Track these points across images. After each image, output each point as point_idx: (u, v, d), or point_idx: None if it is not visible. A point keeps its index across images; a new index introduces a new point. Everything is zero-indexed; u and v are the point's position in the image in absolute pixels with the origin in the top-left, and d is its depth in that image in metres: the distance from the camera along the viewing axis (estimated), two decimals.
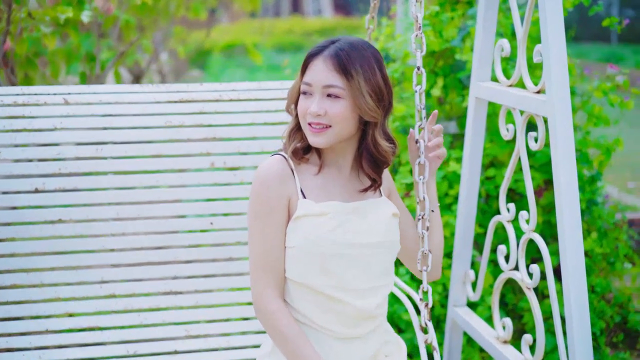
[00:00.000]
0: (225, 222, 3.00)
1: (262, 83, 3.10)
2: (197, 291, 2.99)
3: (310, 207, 2.32)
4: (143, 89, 2.98)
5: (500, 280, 3.04)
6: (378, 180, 2.41)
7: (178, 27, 7.68)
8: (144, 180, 2.94)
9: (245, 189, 3.01)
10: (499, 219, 3.04)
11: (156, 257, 2.96)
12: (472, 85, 3.13)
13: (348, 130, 2.33)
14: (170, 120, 2.95)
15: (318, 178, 2.39)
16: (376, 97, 2.31)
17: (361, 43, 2.34)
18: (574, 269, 2.52)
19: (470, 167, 3.20)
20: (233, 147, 3.01)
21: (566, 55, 2.53)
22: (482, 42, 3.07)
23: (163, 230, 2.97)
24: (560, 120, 2.52)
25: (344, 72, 2.27)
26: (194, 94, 3.00)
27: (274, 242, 2.33)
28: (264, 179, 2.33)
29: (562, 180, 2.52)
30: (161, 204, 2.96)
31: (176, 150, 2.96)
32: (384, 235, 2.40)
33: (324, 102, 2.30)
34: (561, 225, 2.54)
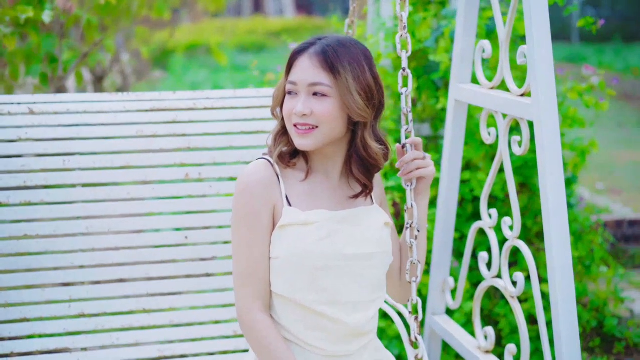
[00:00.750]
0: (201, 236, 2.89)
1: (238, 91, 2.99)
2: (172, 309, 2.87)
3: (295, 216, 2.21)
4: (113, 97, 2.86)
5: (481, 288, 2.95)
6: (369, 185, 2.30)
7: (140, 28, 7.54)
8: (114, 193, 2.82)
9: (221, 201, 2.90)
10: (480, 225, 2.95)
11: (128, 273, 2.83)
12: (452, 87, 3.03)
13: (336, 131, 2.21)
14: (142, 129, 2.83)
15: (305, 184, 2.28)
16: (366, 96, 2.20)
17: (349, 40, 2.24)
18: (562, 277, 2.43)
19: (449, 171, 3.11)
20: (208, 158, 2.89)
21: (552, 57, 2.44)
22: (462, 43, 2.98)
23: (135, 245, 2.84)
24: (548, 125, 2.43)
25: (331, 69, 2.17)
26: (166, 102, 2.88)
27: (258, 252, 2.22)
28: (248, 185, 2.21)
29: (549, 187, 2.43)
30: (133, 217, 2.84)
31: (148, 161, 2.84)
32: (377, 246, 2.29)
33: (310, 102, 2.19)
34: (548, 232, 2.45)
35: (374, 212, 2.34)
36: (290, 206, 2.23)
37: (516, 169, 3.88)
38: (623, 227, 5.41)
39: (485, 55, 2.78)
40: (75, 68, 4.38)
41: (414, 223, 2.36)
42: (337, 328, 2.24)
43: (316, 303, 2.21)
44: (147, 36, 8.75)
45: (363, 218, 2.30)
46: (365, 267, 2.26)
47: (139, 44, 8.43)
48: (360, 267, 2.25)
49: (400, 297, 2.49)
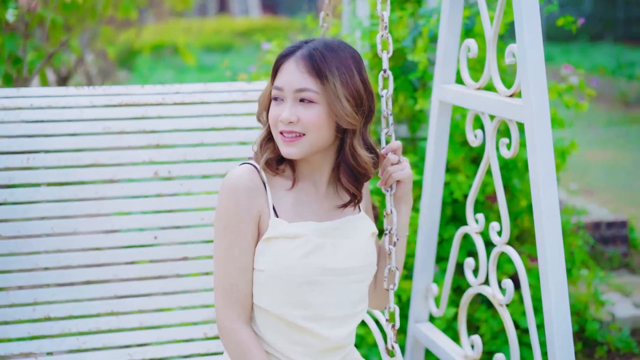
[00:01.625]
0: (171, 236, 2.80)
1: (209, 85, 2.91)
2: (141, 311, 2.78)
3: (282, 228, 2.13)
4: (79, 91, 2.77)
5: (467, 295, 2.87)
6: (358, 195, 2.21)
7: (106, 27, 7.43)
8: (80, 193, 2.72)
9: (192, 200, 2.82)
10: (465, 230, 2.86)
11: (95, 275, 2.74)
12: (436, 88, 2.95)
13: (324, 139, 2.13)
14: (109, 126, 2.74)
15: (291, 194, 2.19)
16: (354, 102, 2.11)
17: (337, 43, 2.15)
18: (555, 284, 2.37)
19: (433, 175, 3.02)
20: (178, 155, 2.81)
21: (543, 56, 2.36)
22: (446, 42, 2.89)
23: (102, 245, 2.75)
24: (539, 127, 2.35)
25: (318, 75, 2.08)
26: (134, 97, 2.79)
27: (240, 263, 2.13)
28: (233, 192, 2.12)
29: (542, 191, 2.36)
30: (100, 217, 2.75)
31: (116, 159, 2.75)
32: (363, 259, 2.22)
33: (297, 108, 2.10)
34: (541, 237, 2.38)
35: (361, 221, 2.27)
36: (277, 217, 2.15)
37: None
38: (601, 229, 5.38)
39: (470, 55, 2.70)
40: (40, 69, 4.28)
41: (393, 229, 2.30)
42: (318, 342, 2.18)
43: (300, 318, 2.15)
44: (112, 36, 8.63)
45: (351, 229, 2.23)
46: (351, 281, 2.20)
47: (104, 44, 8.31)
48: (345, 281, 2.19)
49: (376, 304, 2.44)
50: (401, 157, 2.33)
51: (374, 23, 3.88)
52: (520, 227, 3.96)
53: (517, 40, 2.39)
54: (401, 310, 3.72)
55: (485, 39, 2.60)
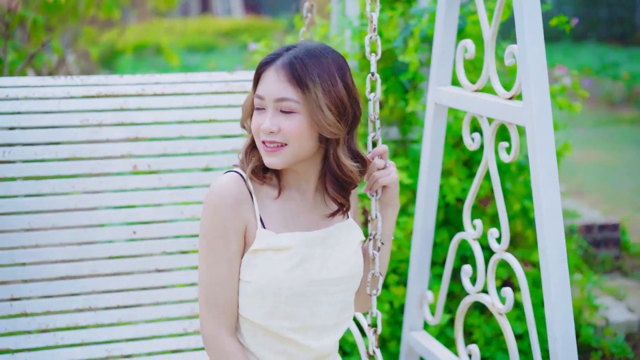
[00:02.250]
0: (150, 230, 2.75)
1: (189, 75, 2.85)
2: (119, 307, 2.74)
3: (269, 240, 2.08)
4: (56, 81, 2.71)
5: (464, 304, 2.80)
6: (346, 204, 2.17)
7: (88, 28, 7.36)
8: (58, 186, 2.67)
9: (172, 194, 2.77)
10: (462, 236, 2.79)
11: (73, 270, 2.69)
12: (431, 90, 2.86)
13: (307, 148, 2.07)
14: (87, 118, 2.69)
15: (278, 203, 2.14)
16: (337, 111, 2.05)
17: (320, 49, 2.08)
18: (557, 293, 2.31)
19: (428, 180, 2.93)
20: (158, 148, 2.76)
21: (545, 57, 2.30)
22: (442, 43, 2.81)
23: (80, 241, 2.70)
24: (541, 130, 2.28)
25: (299, 84, 2.02)
26: (113, 87, 2.74)
27: (225, 274, 2.09)
28: (218, 202, 2.06)
29: (543, 196, 2.30)
30: (78, 212, 2.70)
31: (94, 152, 2.70)
32: (351, 268, 2.18)
33: (277, 118, 2.04)
34: (543, 245, 2.31)
35: (349, 229, 2.23)
36: (264, 228, 2.10)
37: (488, 174, 3.67)
38: (593, 232, 5.33)
39: (467, 56, 2.62)
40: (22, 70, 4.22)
41: (378, 234, 2.27)
42: (303, 353, 2.15)
43: (286, 329, 2.11)
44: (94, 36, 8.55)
45: (338, 238, 2.19)
46: (338, 291, 2.17)
47: (87, 45, 8.22)
48: (333, 291, 2.15)
49: (359, 307, 2.41)
50: (388, 161, 2.28)
51: (364, 23, 3.83)
52: (513, 231, 3.91)
53: (518, 41, 2.31)
54: (394, 317, 3.69)
55: (484, 39, 2.53)
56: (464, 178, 3.75)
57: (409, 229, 3.61)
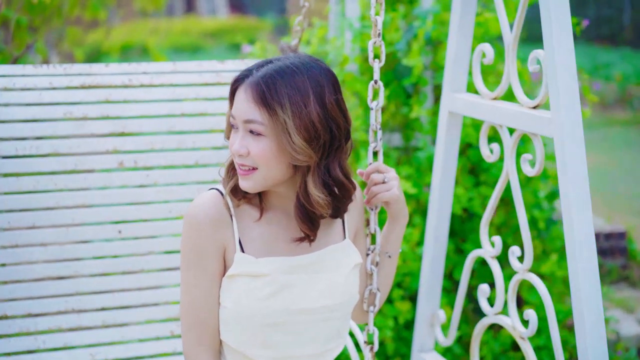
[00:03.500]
0: (136, 229, 2.67)
1: (178, 64, 2.75)
2: (105, 309, 2.66)
3: (247, 265, 1.97)
4: (37, 70, 2.61)
5: (482, 325, 2.65)
6: (311, 235, 2.00)
7: (72, 28, 7.27)
8: (39, 184, 2.58)
9: (159, 191, 2.68)
10: (479, 253, 2.63)
11: (55, 271, 2.60)
12: (445, 97, 2.71)
13: (277, 173, 1.94)
14: (71, 111, 2.61)
15: (260, 225, 2.02)
16: (307, 136, 1.89)
17: (298, 65, 1.92)
18: (592, 323, 2.15)
19: (441, 192, 2.78)
20: (145, 143, 2.68)
21: (575, 63, 2.14)
22: (457, 47, 2.64)
23: (63, 240, 2.61)
24: (572, 142, 2.13)
25: (265, 105, 1.87)
26: (98, 77, 2.64)
27: (205, 296, 1.98)
28: (196, 221, 1.96)
29: (575, 216, 2.13)
30: (60, 210, 2.61)
31: (78, 147, 2.61)
32: (340, 296, 2.05)
33: (247, 139, 1.92)
34: (574, 269, 2.15)
35: (343, 252, 2.09)
36: (243, 252, 1.99)
37: (495, 182, 3.66)
38: (599, 240, 5.20)
39: (486, 61, 2.45)
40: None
41: (377, 249, 2.18)
42: None
43: (265, 358, 2.00)
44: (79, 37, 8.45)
45: (328, 263, 2.05)
46: (324, 320, 2.04)
47: (72, 46, 8.12)
48: (318, 319, 2.03)
49: (357, 318, 2.32)
50: (388, 174, 2.16)
51: (365, 25, 3.73)
52: (520, 243, 3.74)
53: (545, 45, 2.16)
54: (398, 334, 3.60)
55: (504, 44, 2.39)
56: (470, 187, 3.65)
57: (414, 241, 3.52)
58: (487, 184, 3.68)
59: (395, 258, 2.24)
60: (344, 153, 1.99)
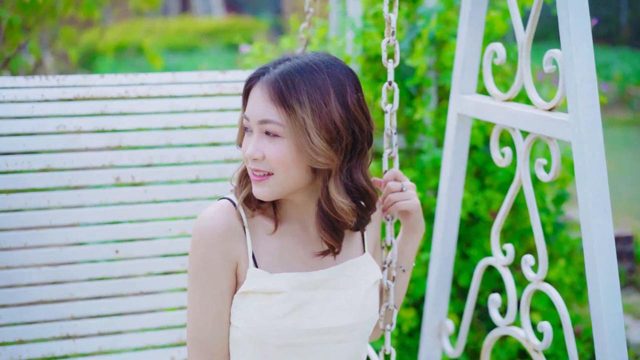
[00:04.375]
0: (134, 249, 2.56)
1: (177, 75, 2.65)
2: (101, 334, 2.55)
3: (261, 282, 1.84)
4: (29, 82, 2.51)
5: (492, 337, 2.55)
6: (336, 247, 1.88)
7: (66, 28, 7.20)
8: (31, 201, 2.47)
9: (158, 208, 2.56)
10: (490, 262, 2.53)
11: (49, 294, 2.49)
12: (454, 99, 2.61)
13: (296, 178, 1.82)
14: (64, 124, 2.50)
15: (275, 238, 1.89)
16: (328, 137, 1.77)
17: (317, 62, 1.82)
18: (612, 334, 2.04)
19: (449, 197, 2.68)
20: (143, 158, 2.56)
21: (594, 64, 2.04)
22: (467, 47, 2.55)
23: (57, 261, 2.50)
24: (591, 146, 2.04)
25: (283, 104, 1.76)
26: (93, 89, 2.54)
27: (215, 315, 1.86)
28: (206, 235, 1.83)
29: (594, 225, 2.03)
30: (54, 229, 2.50)
31: (71, 162, 2.50)
32: (360, 315, 1.92)
33: (262, 142, 1.80)
34: (594, 279, 2.05)
35: (363, 268, 1.96)
36: (257, 267, 1.86)
37: (501, 186, 3.58)
38: None
39: (497, 61, 2.36)
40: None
41: (393, 263, 2.05)
42: None
43: None
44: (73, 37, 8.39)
45: (348, 278, 1.93)
46: (343, 340, 1.91)
47: (65, 46, 8.04)
48: (336, 340, 1.90)
49: (373, 335, 2.19)
50: (405, 183, 2.05)
51: (367, 24, 3.64)
52: (527, 247, 3.72)
53: (563, 44, 2.06)
54: (402, 342, 3.51)
55: (517, 43, 2.30)
56: (475, 190, 3.56)
57: (419, 247, 3.38)
58: (492, 187, 3.60)
59: (409, 272, 2.13)
60: (367, 159, 1.88)
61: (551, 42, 3.59)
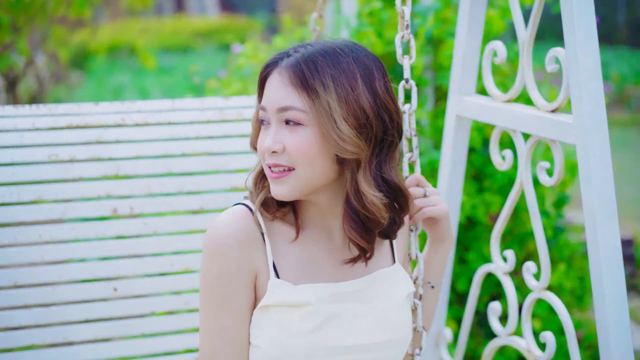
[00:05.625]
0: (134, 287, 2.41)
1: (176, 101, 2.52)
2: None
3: (285, 294, 1.67)
4: (18, 111, 2.37)
5: (493, 347, 2.44)
6: (368, 250, 1.72)
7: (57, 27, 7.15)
8: (21, 236, 2.33)
9: (160, 242, 2.41)
10: (490, 269, 2.42)
11: (41, 337, 2.33)
12: (452, 100, 2.51)
13: (320, 173, 1.66)
14: (57, 152, 2.36)
15: (297, 245, 1.73)
16: (356, 123, 1.63)
17: (341, 46, 1.70)
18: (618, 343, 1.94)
19: (448, 201, 2.57)
20: (142, 187, 2.42)
21: (600, 63, 1.96)
22: (466, 46, 2.45)
23: (49, 301, 2.35)
24: (597, 149, 1.94)
25: (305, 88, 1.62)
26: (87, 117, 2.40)
27: (232, 334, 1.69)
28: (222, 244, 1.67)
29: (600, 227, 1.94)
30: (46, 265, 2.36)
31: (65, 193, 2.36)
32: (393, 331, 1.75)
33: (282, 133, 1.65)
34: (600, 293, 1.96)
35: (394, 278, 1.81)
36: (278, 277, 1.69)
37: (499, 189, 3.48)
38: None
39: (497, 60, 2.27)
40: None
41: (419, 279, 1.88)
42: None
43: None
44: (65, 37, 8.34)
45: (378, 290, 1.77)
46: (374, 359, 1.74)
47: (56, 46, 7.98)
48: (367, 359, 1.73)
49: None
50: (428, 188, 1.92)
51: (362, 23, 3.55)
52: (526, 252, 3.63)
53: (567, 43, 1.97)
54: None
55: (519, 42, 2.20)
56: (473, 193, 3.47)
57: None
58: (491, 190, 3.51)
59: (439, 289, 1.98)
60: (397, 155, 1.74)
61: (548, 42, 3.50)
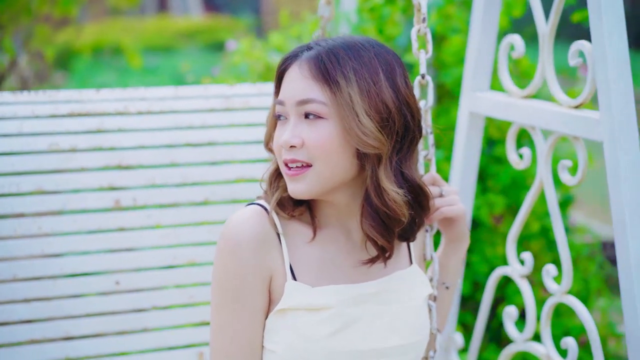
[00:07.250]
0: (136, 280, 2.36)
1: (180, 89, 2.48)
2: None
3: (303, 296, 1.64)
4: (17, 98, 2.32)
5: (508, 353, 2.38)
6: (388, 249, 1.68)
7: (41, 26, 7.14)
8: (21, 227, 2.28)
9: (164, 235, 2.36)
10: (506, 272, 2.36)
11: (41, 332, 2.28)
12: (465, 96, 2.46)
13: (339, 169, 1.62)
14: (57, 142, 2.31)
15: (315, 246, 1.69)
16: (379, 118, 1.60)
17: (363, 40, 1.67)
18: None
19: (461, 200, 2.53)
20: (145, 178, 2.37)
21: (629, 57, 1.89)
22: (481, 41, 2.39)
23: (50, 295, 2.30)
24: (626, 146, 1.88)
25: (326, 80, 1.59)
26: (88, 104, 2.35)
27: (245, 338, 1.65)
28: (234, 246, 1.63)
29: (630, 235, 1.87)
30: (47, 258, 2.31)
31: (66, 184, 2.31)
32: (412, 334, 1.72)
33: (301, 127, 1.61)
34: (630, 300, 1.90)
35: (413, 279, 1.77)
36: (295, 279, 1.65)
37: (503, 189, 3.45)
38: (608, 249, 5.07)
39: (515, 55, 2.22)
40: None
41: (434, 280, 1.85)
42: None
43: None
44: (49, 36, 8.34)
45: (397, 292, 1.74)
46: None
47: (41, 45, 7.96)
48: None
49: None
50: (445, 188, 1.88)
51: (362, 18, 3.52)
52: (534, 253, 3.56)
53: (593, 35, 1.91)
54: None
55: (539, 35, 2.15)
56: (476, 194, 3.44)
57: None
58: (494, 190, 3.47)
59: (453, 289, 1.94)
60: (417, 154, 1.72)
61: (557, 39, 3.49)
